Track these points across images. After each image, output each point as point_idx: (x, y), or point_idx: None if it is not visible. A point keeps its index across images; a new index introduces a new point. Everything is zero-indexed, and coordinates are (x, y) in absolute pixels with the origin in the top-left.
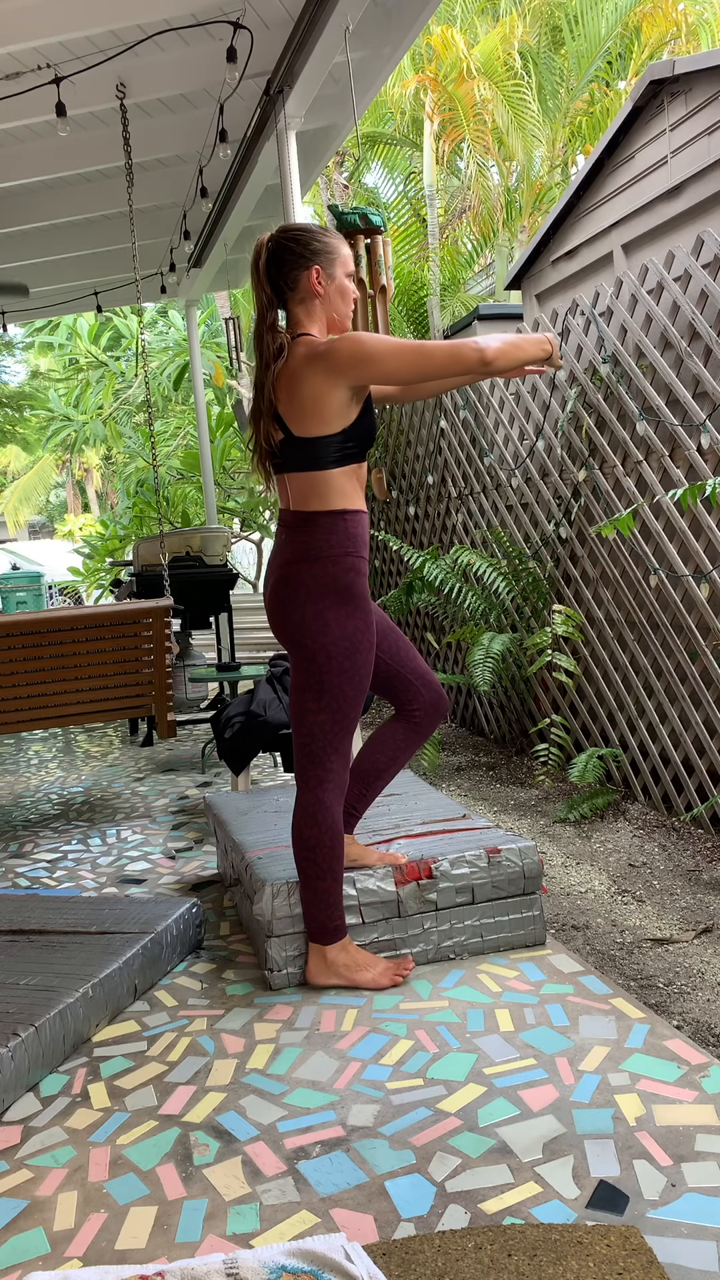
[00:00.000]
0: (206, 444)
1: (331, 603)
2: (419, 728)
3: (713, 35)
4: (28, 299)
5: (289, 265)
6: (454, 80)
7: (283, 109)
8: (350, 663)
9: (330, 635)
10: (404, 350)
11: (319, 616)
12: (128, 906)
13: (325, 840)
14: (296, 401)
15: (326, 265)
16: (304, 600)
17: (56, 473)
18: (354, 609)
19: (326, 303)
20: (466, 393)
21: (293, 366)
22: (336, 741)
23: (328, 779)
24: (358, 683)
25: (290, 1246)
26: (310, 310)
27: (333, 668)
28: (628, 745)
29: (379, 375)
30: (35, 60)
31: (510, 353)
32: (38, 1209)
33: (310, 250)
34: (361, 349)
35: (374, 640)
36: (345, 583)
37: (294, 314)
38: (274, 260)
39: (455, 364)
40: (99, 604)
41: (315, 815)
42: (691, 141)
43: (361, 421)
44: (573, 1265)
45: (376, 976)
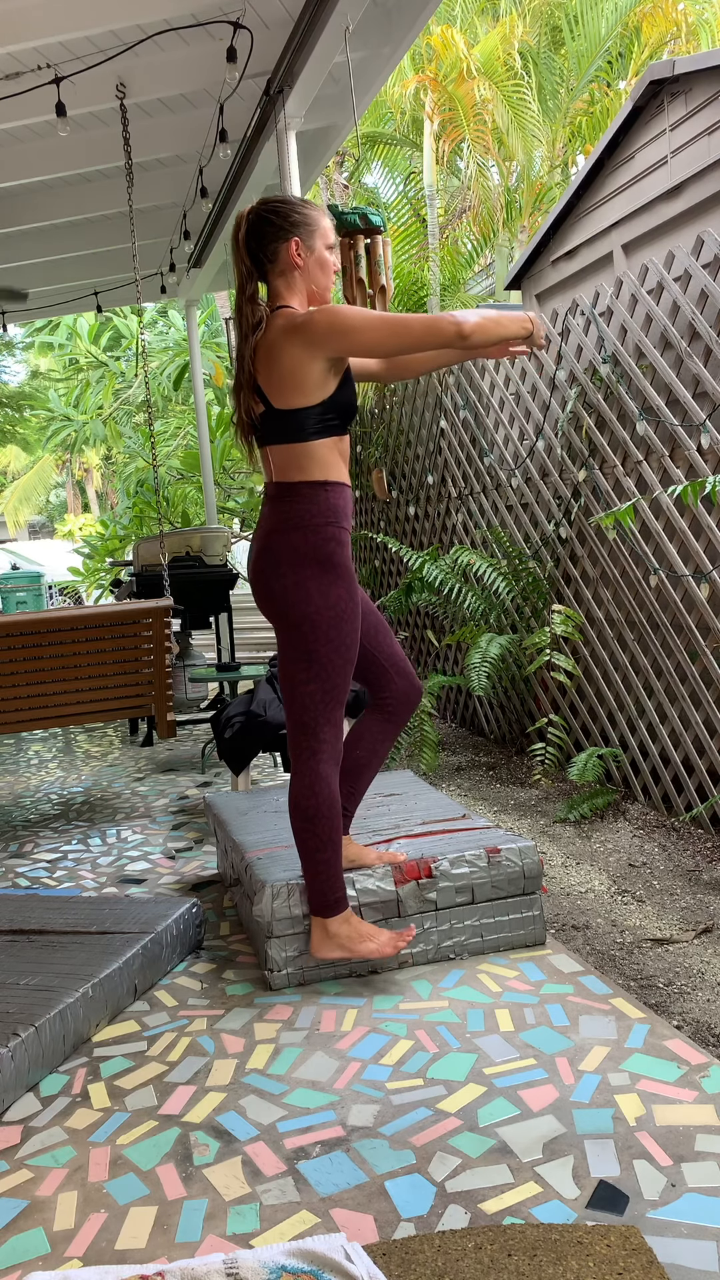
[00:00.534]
0: (206, 444)
1: (314, 572)
2: (393, 717)
3: (713, 35)
4: (28, 299)
5: (268, 237)
6: (454, 80)
7: (283, 109)
8: (336, 631)
9: (313, 604)
10: (381, 322)
11: (300, 586)
12: (128, 906)
13: (323, 811)
14: (275, 373)
15: (306, 237)
16: (285, 570)
17: (56, 473)
18: (336, 578)
19: (306, 275)
20: (466, 392)
21: (271, 338)
22: (328, 711)
23: (321, 749)
24: (345, 652)
25: (290, 1246)
26: (290, 282)
27: (318, 637)
28: (628, 745)
29: (356, 347)
30: (35, 60)
31: (489, 328)
32: (38, 1209)
33: (290, 222)
34: (339, 320)
35: (359, 611)
36: (326, 552)
37: (274, 286)
38: (253, 232)
39: (432, 337)
40: (99, 604)
41: (312, 786)
42: (691, 141)
43: (341, 393)
44: (573, 1265)
45: (380, 946)
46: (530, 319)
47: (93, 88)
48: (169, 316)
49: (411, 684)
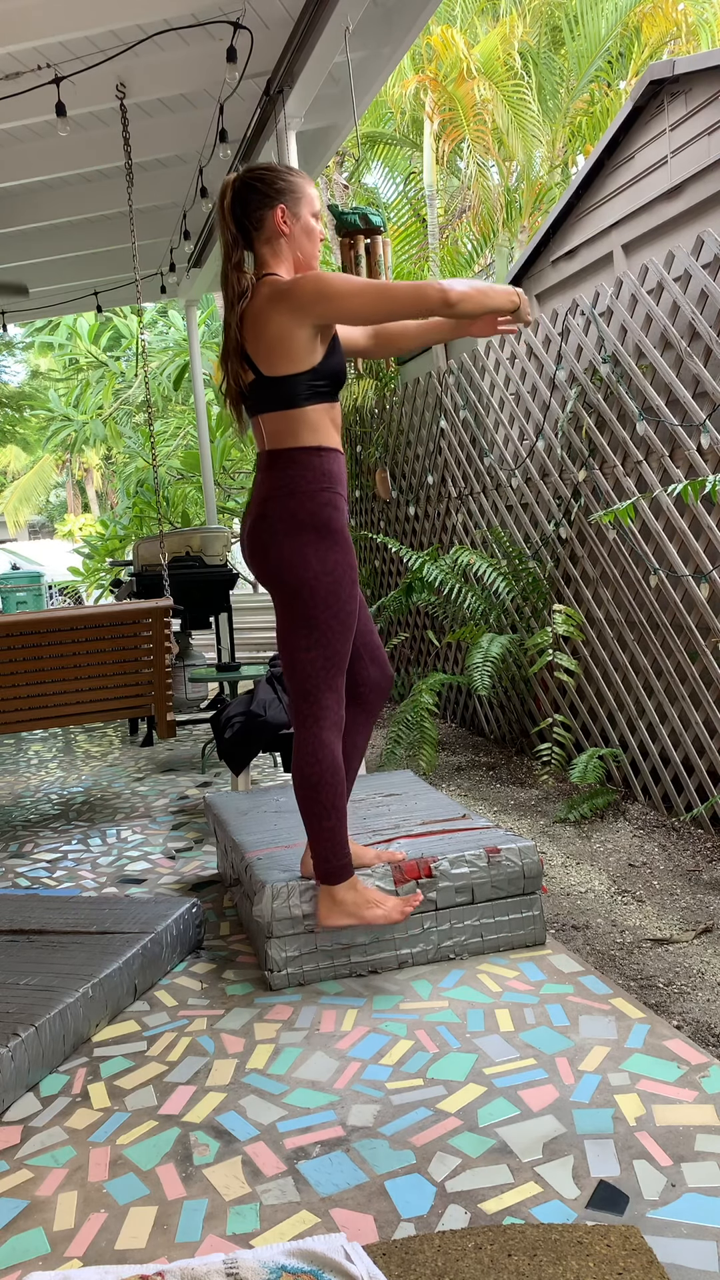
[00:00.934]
0: (206, 444)
1: (311, 538)
2: (366, 705)
3: (713, 35)
4: (28, 299)
5: (254, 204)
6: (454, 80)
7: (283, 109)
8: (334, 597)
9: (311, 570)
10: (367, 289)
11: (298, 552)
12: (128, 906)
13: (326, 777)
14: (263, 341)
15: (292, 204)
16: (282, 536)
17: (56, 473)
18: (333, 543)
19: (292, 242)
20: (466, 393)
21: (257, 306)
22: (329, 678)
23: (324, 716)
24: (344, 618)
25: (290, 1246)
26: (276, 250)
27: (317, 603)
28: (628, 745)
29: (342, 313)
30: (35, 60)
31: (475, 297)
32: (38, 1209)
33: (275, 189)
34: (323, 286)
35: (356, 576)
36: (323, 518)
37: (260, 254)
38: (239, 199)
39: (418, 303)
40: (99, 604)
41: (315, 753)
42: (691, 141)
43: (329, 359)
44: (573, 1265)
45: (387, 912)
46: (517, 293)
47: (93, 88)
48: (169, 316)
49: (384, 672)
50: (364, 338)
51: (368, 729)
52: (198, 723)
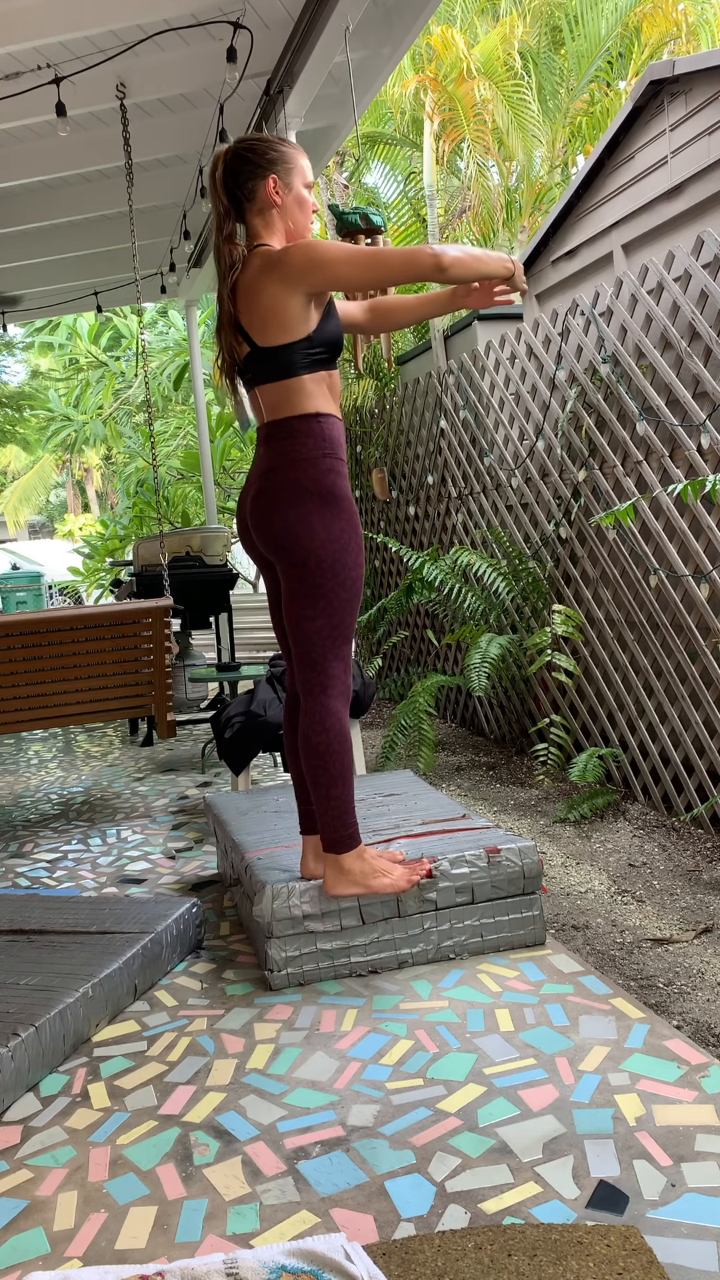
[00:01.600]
0: (206, 444)
1: (315, 506)
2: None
3: (713, 35)
4: (28, 299)
5: (245, 175)
6: (454, 80)
7: (283, 109)
8: (340, 564)
9: (317, 539)
10: (358, 255)
11: (303, 520)
12: (128, 906)
13: (334, 746)
14: (257, 311)
15: (284, 175)
16: (286, 505)
17: (56, 473)
18: (338, 510)
19: (284, 213)
20: (466, 393)
21: (249, 276)
22: (336, 647)
23: (331, 685)
24: (350, 585)
25: (290, 1246)
26: (268, 221)
27: (323, 571)
28: (628, 745)
29: (334, 280)
30: (35, 60)
31: (468, 263)
32: (38, 1209)
33: (266, 160)
34: (315, 254)
35: (362, 542)
36: (327, 485)
37: (252, 225)
38: (230, 170)
39: (411, 269)
40: (99, 604)
41: (322, 721)
42: (691, 141)
43: (325, 326)
44: (573, 1265)
45: (395, 881)
46: (513, 260)
47: (93, 88)
48: (169, 316)
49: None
50: (361, 313)
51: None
52: (198, 723)
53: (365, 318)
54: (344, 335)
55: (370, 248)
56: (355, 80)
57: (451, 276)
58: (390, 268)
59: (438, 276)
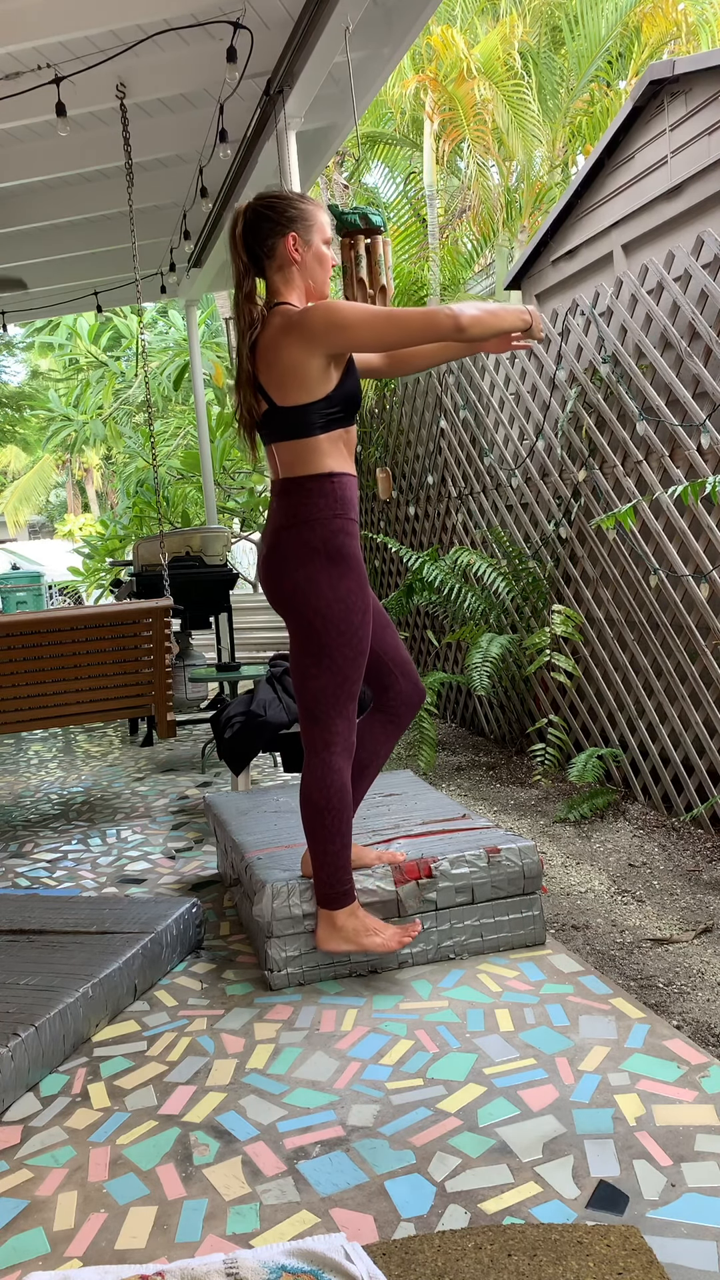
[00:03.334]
0: (206, 444)
1: (322, 565)
2: (396, 718)
3: (713, 35)
4: (28, 299)
5: (265, 233)
6: (454, 80)
7: (283, 109)
8: (346, 624)
9: (324, 599)
10: (378, 317)
11: (311, 580)
12: (128, 906)
13: (334, 803)
14: (276, 371)
15: (304, 232)
16: (295, 565)
17: (56, 473)
18: (345, 570)
19: (304, 270)
20: (466, 392)
21: (269, 336)
22: (340, 705)
23: (334, 742)
24: (356, 644)
25: (290, 1246)
26: (288, 278)
27: (329, 630)
28: (627, 745)
29: (354, 342)
30: (35, 60)
31: (487, 320)
32: (38, 1209)
33: (286, 217)
34: (335, 316)
35: (369, 603)
36: (335, 545)
37: (272, 282)
38: (250, 228)
39: (430, 331)
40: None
41: (324, 778)
42: (691, 141)
43: (344, 386)
44: (573, 1265)
45: (385, 940)
46: (529, 311)
47: (93, 88)
48: (169, 316)
49: (415, 685)
50: (379, 359)
51: (393, 741)
52: (198, 723)
53: (384, 363)
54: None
55: (389, 309)
56: (355, 80)
57: (470, 336)
58: (410, 330)
59: (457, 337)
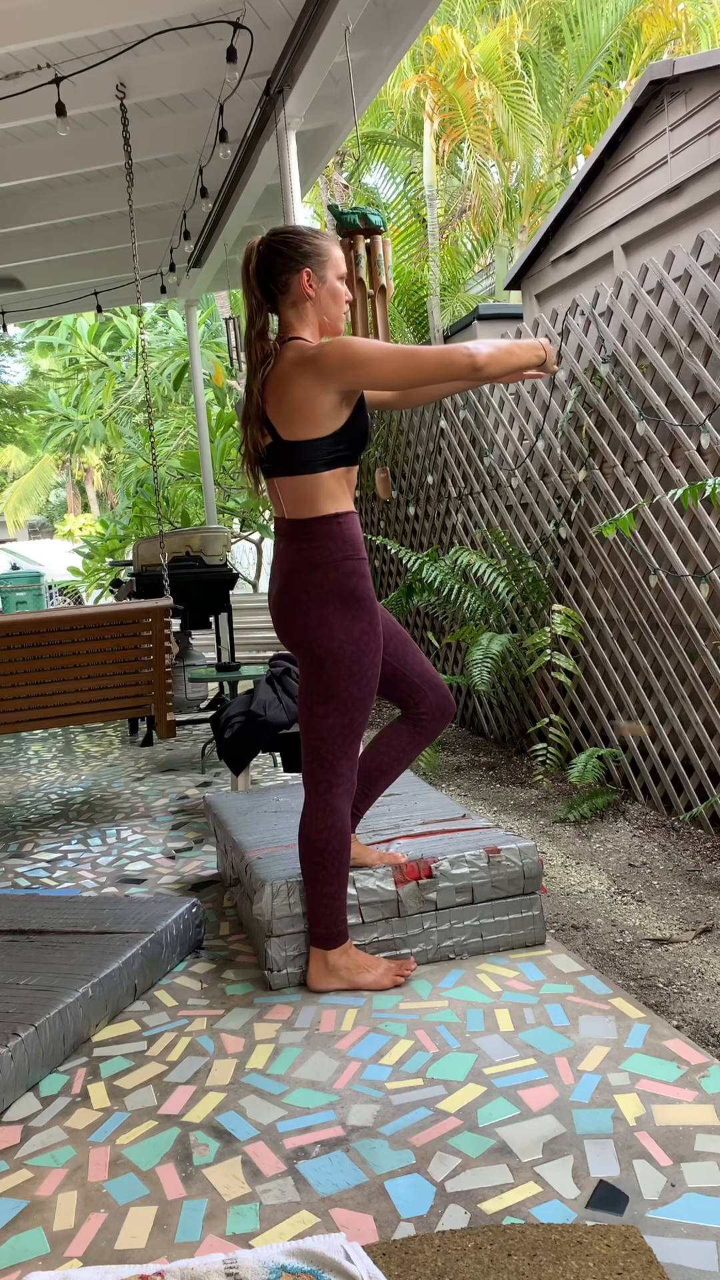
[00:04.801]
0: (206, 444)
1: (336, 608)
2: (425, 730)
3: (713, 35)
4: (28, 299)
5: (279, 268)
6: (454, 80)
7: (283, 109)
8: (358, 665)
9: (336, 640)
10: (393, 355)
11: (324, 622)
12: (128, 906)
13: (333, 844)
14: (285, 405)
15: (317, 268)
16: (307, 607)
17: (56, 473)
18: (359, 612)
19: (318, 305)
20: (467, 393)
21: (281, 370)
22: (346, 745)
23: (337, 783)
24: (365, 685)
25: (290, 1246)
26: (302, 313)
27: (340, 672)
28: (627, 745)
29: (368, 380)
30: (35, 60)
31: (502, 359)
32: (38, 1209)
33: (300, 253)
34: (350, 353)
35: (380, 643)
36: (349, 587)
37: (285, 317)
38: (264, 263)
39: (446, 370)
40: (99, 604)
41: (325, 819)
42: (691, 141)
43: (353, 424)
44: (573, 1265)
45: (379, 978)
46: (544, 345)
47: (93, 88)
48: (169, 316)
49: (444, 697)
50: (390, 394)
51: (417, 751)
52: (198, 723)
53: (393, 396)
54: (370, 433)
55: (404, 347)
56: (355, 80)
57: (486, 376)
58: (425, 369)
59: (473, 376)
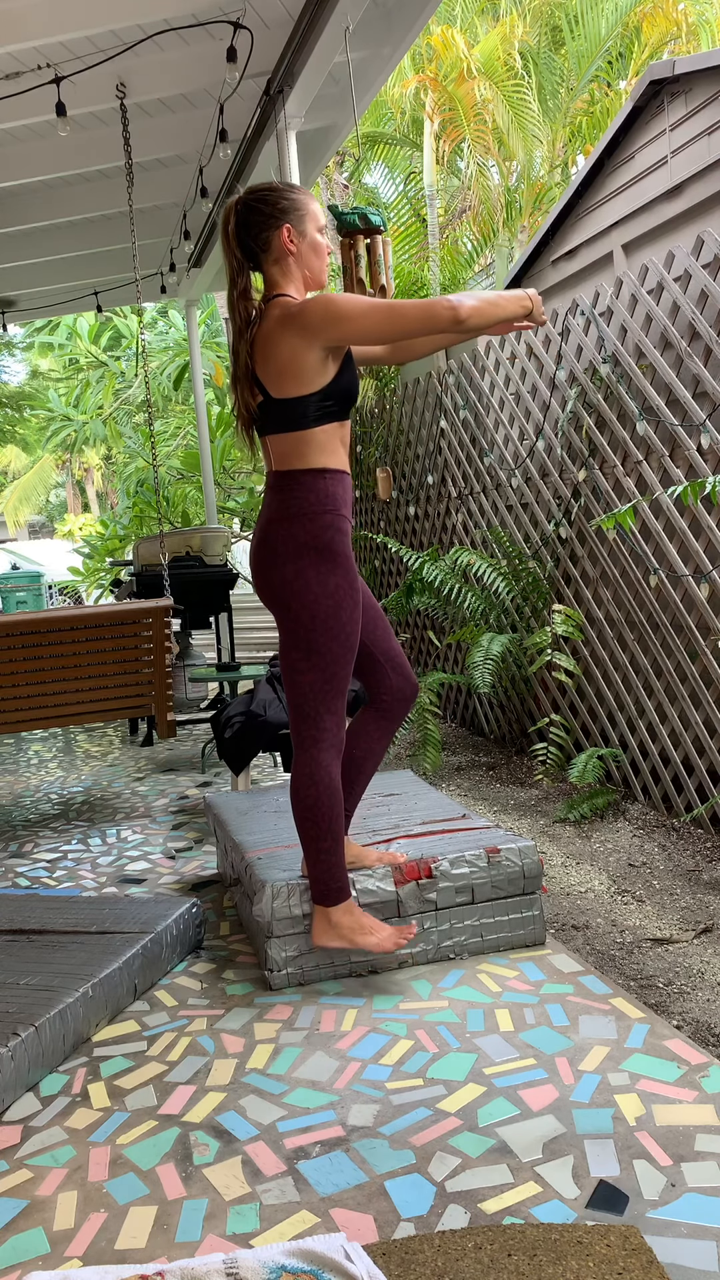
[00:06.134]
0: (206, 444)
1: (311, 561)
2: (389, 714)
3: (713, 35)
4: (28, 299)
5: (258, 226)
6: (454, 80)
7: (283, 109)
8: (334, 620)
9: (312, 594)
10: (376, 309)
11: (299, 575)
12: (128, 906)
13: (324, 800)
14: (272, 363)
15: (297, 222)
16: (283, 559)
17: (56, 473)
18: (334, 566)
19: (300, 260)
20: (466, 393)
21: (267, 328)
22: (329, 701)
23: (323, 738)
24: (344, 640)
25: (290, 1246)
26: (285, 270)
27: (316, 626)
28: (628, 745)
29: (352, 335)
30: (35, 60)
31: (486, 310)
32: (38, 1209)
33: (279, 209)
34: (333, 309)
35: (359, 599)
36: (324, 540)
37: (269, 275)
38: (243, 223)
39: (429, 322)
40: (99, 604)
41: (313, 775)
42: (691, 141)
43: (340, 379)
44: (572, 1265)
45: (380, 940)
46: (529, 297)
47: (93, 88)
48: (169, 316)
49: (408, 680)
50: (380, 348)
51: (388, 738)
52: (198, 723)
53: (385, 352)
54: (359, 388)
55: (387, 301)
56: (355, 80)
57: (470, 327)
58: (408, 321)
59: (456, 328)
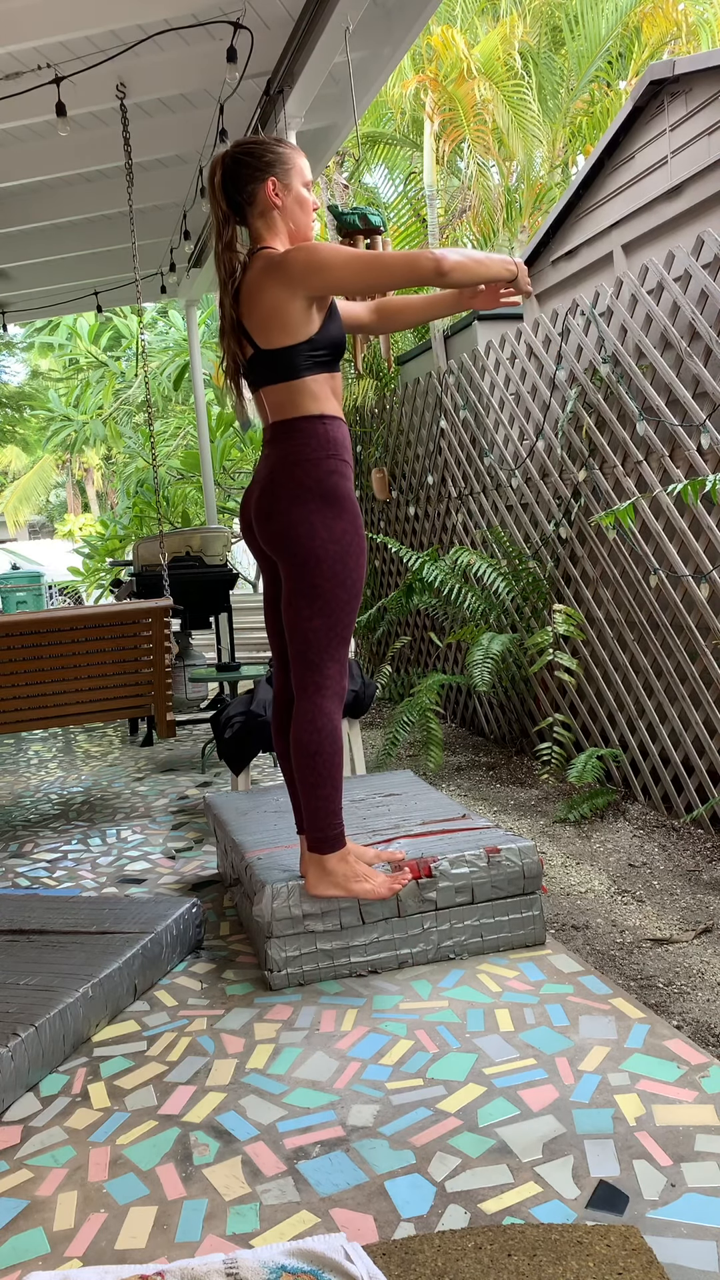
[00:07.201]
0: (206, 444)
1: (317, 506)
2: None
3: (713, 35)
4: (28, 299)
5: (245, 179)
6: (454, 80)
7: (283, 109)
8: (341, 566)
9: (318, 539)
10: (359, 258)
11: (305, 520)
12: (128, 906)
13: (325, 746)
14: (258, 313)
15: (282, 176)
16: (288, 505)
17: (56, 473)
18: (340, 511)
19: (285, 214)
20: (466, 392)
21: (251, 279)
22: (333, 648)
23: (325, 685)
24: (350, 586)
25: (290, 1246)
26: (270, 223)
27: (323, 572)
28: (628, 745)
29: (334, 284)
30: (35, 60)
31: (470, 266)
32: (38, 1209)
33: (265, 162)
34: (315, 258)
35: (364, 544)
36: (329, 485)
37: (254, 228)
38: (229, 175)
39: (411, 274)
40: (99, 604)
41: (314, 721)
42: (691, 142)
43: (327, 328)
44: (572, 1265)
45: (375, 887)
46: (516, 262)
47: (93, 88)
48: (169, 316)
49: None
50: (366, 313)
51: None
52: (198, 723)
53: (371, 318)
54: (346, 336)
55: (371, 251)
56: (355, 80)
57: (452, 281)
58: (390, 272)
59: (438, 281)
